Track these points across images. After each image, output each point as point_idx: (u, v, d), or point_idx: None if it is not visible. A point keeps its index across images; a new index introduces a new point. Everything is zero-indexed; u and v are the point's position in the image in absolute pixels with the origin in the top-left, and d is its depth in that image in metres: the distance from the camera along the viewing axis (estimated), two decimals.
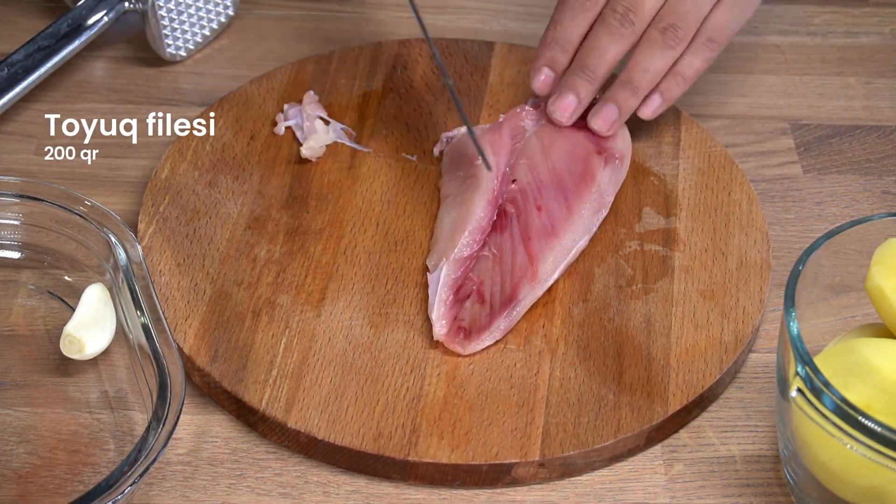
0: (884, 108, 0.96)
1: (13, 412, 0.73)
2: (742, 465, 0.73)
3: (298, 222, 0.83)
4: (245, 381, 0.74)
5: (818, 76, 0.99)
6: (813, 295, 0.71)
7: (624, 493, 0.72)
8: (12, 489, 0.70)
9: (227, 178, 0.86)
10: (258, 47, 0.99)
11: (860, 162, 0.92)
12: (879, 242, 0.70)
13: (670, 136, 0.90)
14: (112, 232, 0.76)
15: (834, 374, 0.64)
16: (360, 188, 0.86)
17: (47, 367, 0.76)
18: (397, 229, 0.83)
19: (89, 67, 0.96)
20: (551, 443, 0.72)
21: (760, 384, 0.77)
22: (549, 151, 0.85)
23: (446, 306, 0.77)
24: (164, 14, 0.94)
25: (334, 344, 0.76)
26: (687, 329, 0.78)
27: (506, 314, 0.77)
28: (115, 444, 0.72)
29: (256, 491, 0.71)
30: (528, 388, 0.74)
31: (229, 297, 0.78)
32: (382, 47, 0.96)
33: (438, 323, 0.76)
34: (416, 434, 0.72)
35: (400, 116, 0.91)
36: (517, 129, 0.86)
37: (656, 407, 0.74)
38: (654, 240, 0.83)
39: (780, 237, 0.86)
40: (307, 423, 0.72)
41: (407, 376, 0.75)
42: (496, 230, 0.81)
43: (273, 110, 0.91)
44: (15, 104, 0.90)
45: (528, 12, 1.03)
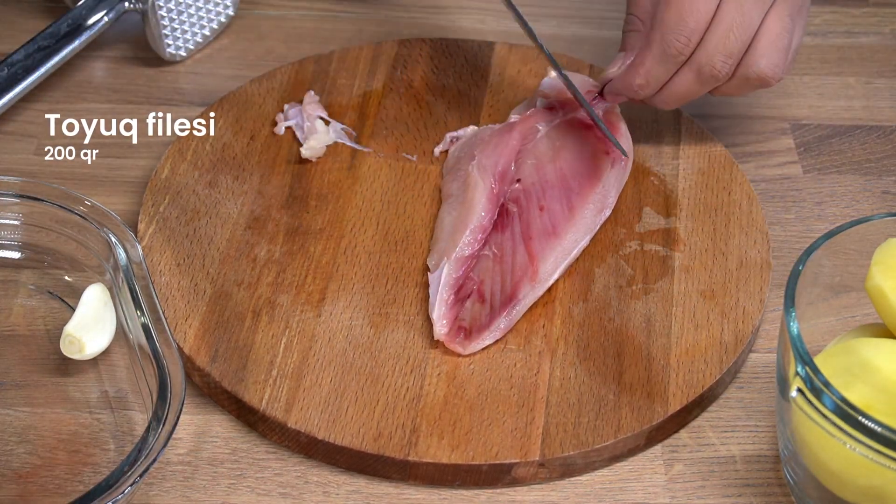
0: (884, 108, 0.96)
1: (13, 412, 0.73)
2: (742, 465, 0.73)
3: (298, 222, 0.83)
4: (245, 381, 0.74)
5: (818, 76, 0.99)
6: (813, 295, 0.71)
7: (624, 493, 0.72)
8: (12, 489, 0.70)
9: (227, 178, 0.86)
10: (258, 47, 0.99)
11: (860, 162, 0.92)
12: (879, 242, 0.70)
13: (670, 136, 0.90)
14: (112, 232, 0.76)
15: (834, 374, 0.64)
16: (360, 188, 0.86)
17: (47, 367, 0.76)
18: (397, 229, 0.83)
19: (89, 67, 0.96)
20: (551, 443, 0.72)
21: (760, 384, 0.77)
22: (559, 152, 0.85)
23: (447, 306, 0.77)
24: (164, 14, 0.94)
25: (334, 344, 0.76)
26: (687, 329, 0.78)
27: (506, 314, 0.77)
28: (115, 444, 0.72)
29: (256, 491, 0.71)
30: (528, 388, 0.74)
31: (229, 297, 0.78)
32: (382, 47, 0.96)
33: (439, 323, 0.76)
34: (416, 434, 0.72)
35: (400, 116, 0.91)
36: (529, 130, 0.86)
37: (656, 407, 0.74)
38: (654, 240, 0.83)
39: (780, 237, 0.86)
40: (307, 423, 0.72)
41: (407, 376, 0.75)
42: (497, 229, 0.81)
43: (273, 110, 0.91)
44: (15, 104, 0.90)
45: (528, 13, 1.03)
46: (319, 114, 0.90)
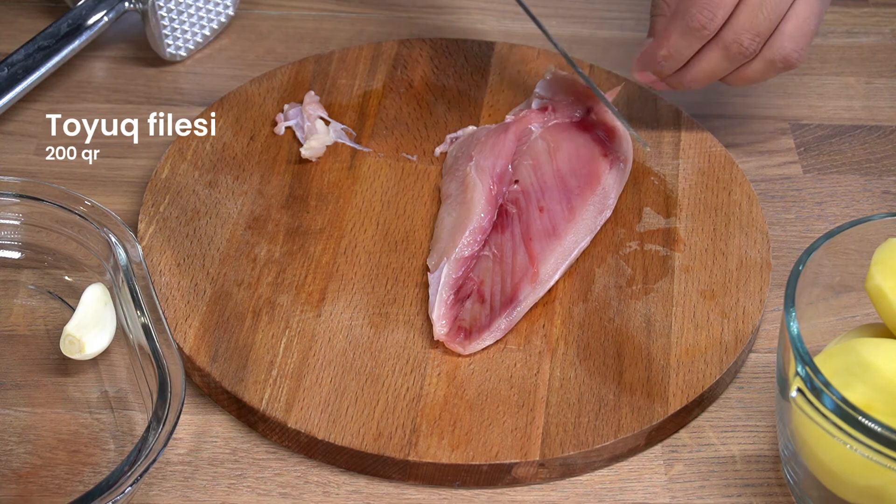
0: (884, 108, 0.96)
1: (13, 412, 0.73)
2: (742, 465, 0.73)
3: (298, 222, 0.83)
4: (245, 381, 0.74)
5: (818, 76, 0.99)
6: (813, 295, 0.71)
7: (624, 493, 0.72)
8: (12, 489, 0.70)
9: (228, 178, 0.86)
10: (258, 47, 0.99)
11: (860, 162, 0.92)
12: (879, 242, 0.70)
13: (670, 136, 0.90)
14: (112, 232, 0.76)
15: (834, 374, 0.64)
16: (360, 188, 0.86)
17: (47, 367, 0.76)
18: (397, 229, 0.83)
19: (89, 67, 0.96)
20: (551, 443, 0.72)
21: (760, 384, 0.77)
22: (555, 153, 0.85)
23: (447, 306, 0.77)
24: (164, 14, 0.94)
25: (334, 344, 0.76)
26: (687, 329, 0.78)
27: (506, 314, 0.77)
28: (115, 444, 0.72)
29: (256, 491, 0.71)
30: (528, 388, 0.74)
31: (229, 297, 0.78)
32: (382, 47, 0.96)
33: (439, 323, 0.76)
34: (416, 434, 0.72)
35: (400, 116, 0.91)
36: (524, 131, 0.86)
37: (656, 407, 0.74)
38: (654, 240, 0.83)
39: (780, 237, 0.86)
40: (307, 423, 0.72)
41: (407, 376, 0.75)
42: (497, 230, 0.81)
43: (273, 110, 0.91)
44: (15, 104, 0.90)
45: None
46: (319, 114, 0.90)
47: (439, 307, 0.77)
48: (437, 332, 0.76)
